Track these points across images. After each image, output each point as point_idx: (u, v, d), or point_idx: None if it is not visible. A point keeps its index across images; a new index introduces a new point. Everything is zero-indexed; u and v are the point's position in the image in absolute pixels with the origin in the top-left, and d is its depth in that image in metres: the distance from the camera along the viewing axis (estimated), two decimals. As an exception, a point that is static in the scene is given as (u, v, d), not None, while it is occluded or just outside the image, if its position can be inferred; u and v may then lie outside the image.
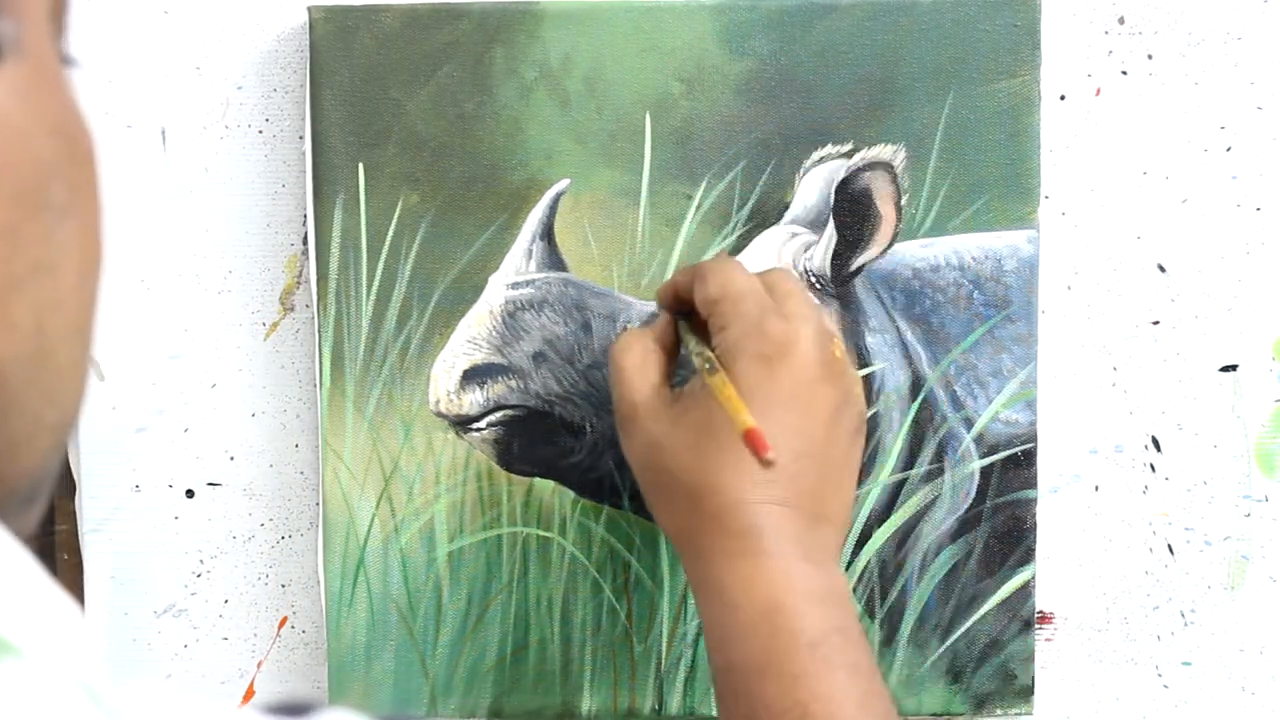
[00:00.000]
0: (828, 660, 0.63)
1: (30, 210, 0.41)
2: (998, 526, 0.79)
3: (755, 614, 0.64)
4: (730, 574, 0.65)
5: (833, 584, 0.66)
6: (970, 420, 0.79)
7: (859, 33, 0.77)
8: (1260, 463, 0.81)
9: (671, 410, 0.68)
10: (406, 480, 0.78)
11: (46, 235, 0.42)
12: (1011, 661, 0.80)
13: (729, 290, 0.69)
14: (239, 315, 0.79)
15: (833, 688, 0.63)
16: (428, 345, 0.78)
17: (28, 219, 0.41)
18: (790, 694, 0.63)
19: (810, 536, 0.66)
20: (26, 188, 0.41)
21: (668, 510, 0.68)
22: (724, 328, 0.68)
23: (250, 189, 0.79)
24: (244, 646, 0.81)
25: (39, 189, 0.42)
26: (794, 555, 0.65)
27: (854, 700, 0.63)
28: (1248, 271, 0.80)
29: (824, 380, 0.68)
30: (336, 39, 0.76)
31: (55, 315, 0.43)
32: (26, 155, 0.41)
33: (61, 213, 0.43)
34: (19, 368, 0.42)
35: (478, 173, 0.77)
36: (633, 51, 0.77)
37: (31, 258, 0.42)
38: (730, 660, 0.65)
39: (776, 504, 0.65)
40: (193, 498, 0.80)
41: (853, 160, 0.77)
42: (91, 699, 0.37)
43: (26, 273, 0.41)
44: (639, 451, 0.69)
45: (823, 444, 0.67)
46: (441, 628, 0.79)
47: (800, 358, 0.67)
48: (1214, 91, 0.79)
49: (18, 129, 0.41)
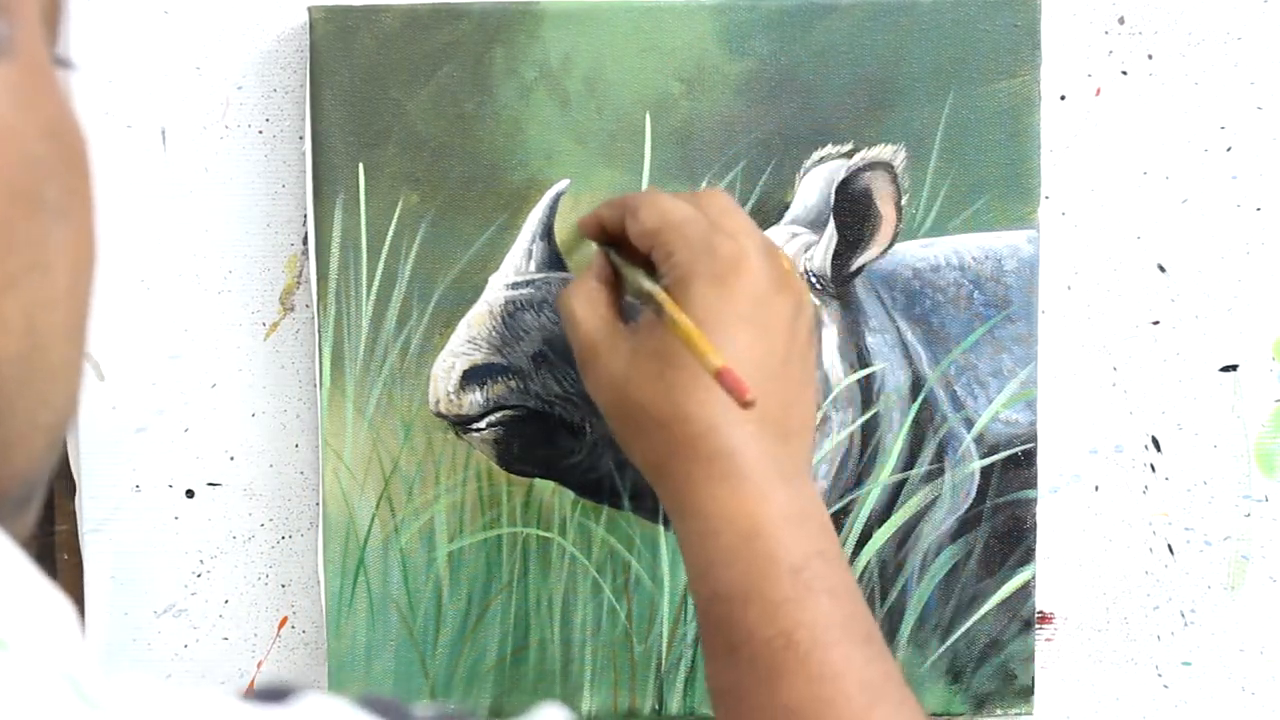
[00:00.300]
0: (809, 585, 0.63)
1: (25, 210, 0.41)
2: (998, 526, 0.79)
3: (735, 540, 0.64)
4: (708, 500, 0.65)
5: (808, 503, 0.65)
6: (970, 420, 0.79)
7: (859, 33, 0.77)
8: (1260, 463, 0.81)
9: (629, 343, 0.68)
10: (406, 480, 0.78)
11: (41, 236, 0.42)
12: (1011, 661, 0.80)
13: (668, 218, 0.68)
14: (239, 315, 0.79)
15: (816, 613, 0.63)
16: (428, 345, 0.78)
17: (22, 218, 0.41)
18: (773, 621, 0.63)
19: (782, 453, 0.66)
20: (21, 187, 0.41)
21: (639, 443, 0.68)
22: (670, 254, 0.67)
23: (250, 189, 0.79)
24: (244, 646, 0.81)
25: (33, 189, 0.42)
26: (769, 475, 0.65)
27: (837, 624, 0.63)
28: (1248, 271, 0.80)
29: (777, 292, 0.67)
30: (336, 39, 0.76)
31: (48, 315, 0.43)
32: (21, 155, 0.41)
33: (56, 214, 0.43)
34: (12, 368, 0.42)
35: (478, 173, 0.77)
36: (633, 51, 0.77)
37: (25, 258, 0.42)
38: (713, 589, 0.65)
39: (749, 425, 0.65)
40: (193, 498, 0.80)
41: (853, 160, 0.77)
42: (76, 691, 0.37)
43: (20, 272, 0.41)
44: (604, 390, 0.69)
45: (783, 358, 0.67)
46: (441, 628, 0.79)
47: (752, 273, 0.67)
48: (1214, 91, 0.79)
49: (11, 129, 0.41)
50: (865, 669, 0.63)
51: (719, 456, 0.65)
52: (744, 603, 0.63)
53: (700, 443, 0.65)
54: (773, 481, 0.65)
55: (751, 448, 0.65)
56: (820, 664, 0.62)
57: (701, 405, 0.65)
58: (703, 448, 0.65)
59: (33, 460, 0.44)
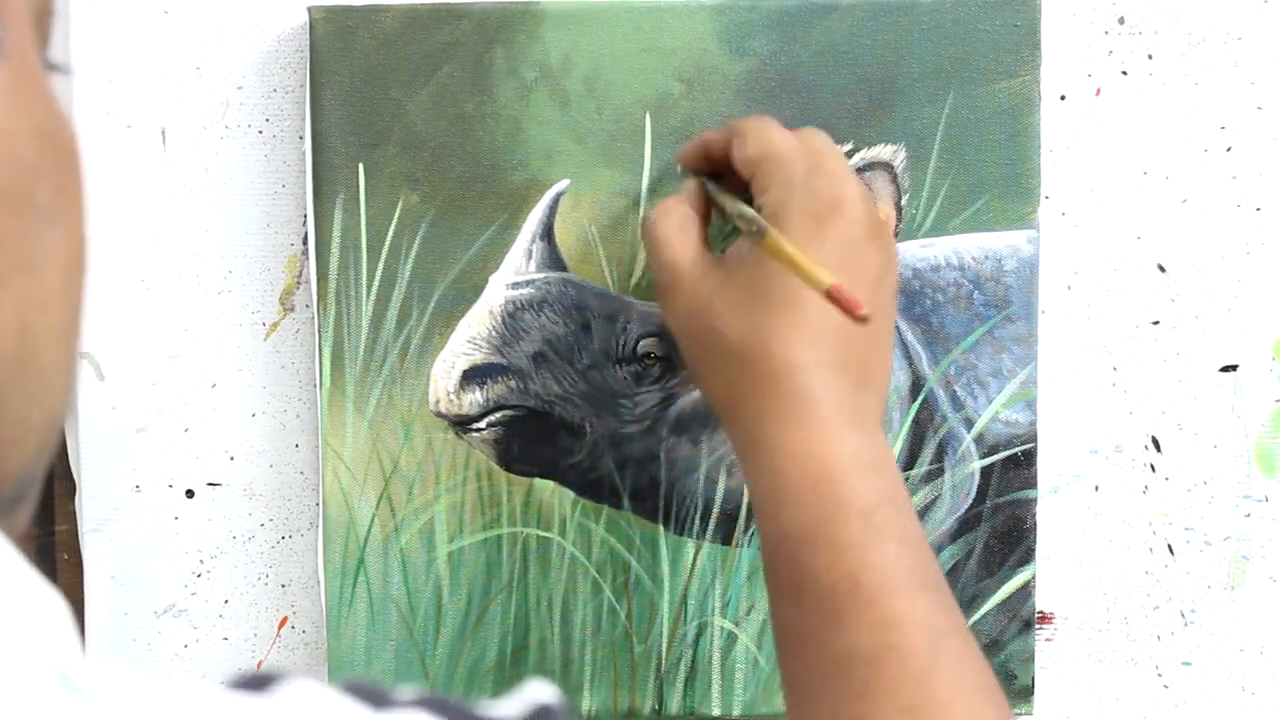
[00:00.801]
0: (878, 530, 0.62)
1: (14, 211, 0.42)
2: (998, 526, 0.79)
3: (806, 482, 0.63)
4: (780, 439, 0.64)
5: (880, 452, 0.65)
6: (970, 420, 0.79)
7: (859, 33, 0.77)
8: (1260, 463, 0.81)
9: (716, 273, 0.67)
10: (406, 480, 0.78)
11: (31, 237, 0.42)
12: (1011, 661, 0.80)
13: (772, 149, 0.67)
14: (239, 315, 0.79)
15: (883, 558, 0.62)
16: (428, 345, 0.78)
17: (12, 219, 0.41)
18: (840, 564, 0.62)
19: (858, 401, 0.65)
20: (11, 189, 0.41)
21: (713, 375, 0.67)
22: (768, 188, 0.67)
23: (250, 189, 0.79)
24: (244, 646, 0.81)
25: (24, 191, 0.42)
26: (844, 421, 0.64)
27: (904, 570, 0.62)
28: (1248, 271, 0.80)
29: (871, 240, 0.67)
30: (336, 39, 0.76)
31: (39, 316, 0.43)
32: (12, 157, 0.42)
33: (46, 215, 0.43)
34: (3, 368, 0.42)
35: (478, 173, 0.77)
36: (633, 51, 0.77)
37: (14, 257, 0.42)
38: (780, 529, 0.64)
39: (827, 367, 0.64)
40: (193, 498, 0.80)
41: (853, 160, 0.77)
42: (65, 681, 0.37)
43: (9, 272, 0.41)
44: (683, 317, 0.68)
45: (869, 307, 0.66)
46: (441, 628, 0.79)
47: (850, 216, 0.66)
48: (1214, 91, 0.79)
49: (3, 131, 0.41)
50: (930, 616, 0.62)
51: (796, 396, 0.64)
52: (811, 544, 0.63)
53: (779, 380, 0.64)
54: (847, 427, 0.64)
55: (830, 392, 0.64)
56: (885, 609, 0.62)
57: (786, 343, 0.64)
58: (781, 385, 0.64)
59: (24, 461, 0.44)
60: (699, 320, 0.67)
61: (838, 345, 0.64)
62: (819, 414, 0.64)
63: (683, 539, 0.79)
